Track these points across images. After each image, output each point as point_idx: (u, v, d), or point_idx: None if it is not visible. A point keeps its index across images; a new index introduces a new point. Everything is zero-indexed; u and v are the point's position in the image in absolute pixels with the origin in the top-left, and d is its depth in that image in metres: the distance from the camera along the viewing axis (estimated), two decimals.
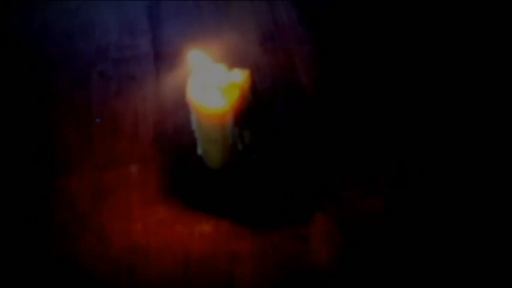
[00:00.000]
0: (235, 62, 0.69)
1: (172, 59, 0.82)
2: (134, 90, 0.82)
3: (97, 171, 0.75)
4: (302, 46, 0.85)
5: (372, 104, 0.79)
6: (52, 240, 0.70)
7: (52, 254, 0.69)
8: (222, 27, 0.87)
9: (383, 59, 0.83)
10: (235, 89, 0.63)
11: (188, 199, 0.73)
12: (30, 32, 0.89)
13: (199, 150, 0.72)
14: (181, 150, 0.76)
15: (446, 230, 0.68)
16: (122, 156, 0.76)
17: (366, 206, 0.70)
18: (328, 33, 0.85)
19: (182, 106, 0.76)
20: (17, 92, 0.82)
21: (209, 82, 0.64)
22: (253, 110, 0.65)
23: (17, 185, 0.74)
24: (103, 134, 0.78)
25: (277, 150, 0.75)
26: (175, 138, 0.77)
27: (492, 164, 0.71)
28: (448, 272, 0.64)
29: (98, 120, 0.72)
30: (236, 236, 0.70)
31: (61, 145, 0.77)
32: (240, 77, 0.64)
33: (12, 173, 0.75)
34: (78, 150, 0.77)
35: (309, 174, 0.74)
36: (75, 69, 0.84)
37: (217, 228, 0.71)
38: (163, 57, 0.84)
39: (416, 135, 0.76)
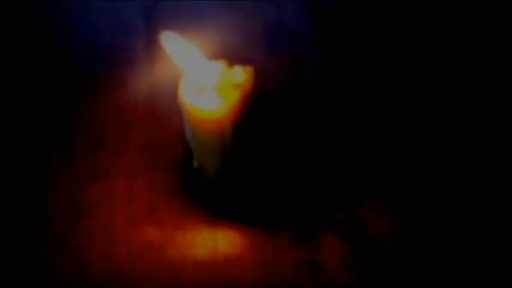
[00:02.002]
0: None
1: (168, 63, 0.73)
2: (125, 96, 0.73)
3: (77, 185, 0.66)
4: (311, 49, 0.75)
5: (387, 111, 0.69)
6: (22, 263, 0.61)
7: (22, 279, 0.60)
8: (224, 29, 0.78)
9: (394, 64, 0.74)
10: (235, 89, 0.54)
11: (181, 218, 0.63)
12: (19, 33, 0.80)
13: (195, 163, 0.63)
14: (175, 162, 0.67)
15: (473, 249, 0.58)
16: (106, 168, 0.67)
17: (384, 226, 0.60)
18: (338, 36, 0.76)
19: (177, 113, 0.68)
20: None
21: (204, 81, 0.54)
22: (255, 115, 0.56)
23: None
24: (87, 143, 0.68)
25: (284, 160, 0.66)
26: (168, 149, 0.68)
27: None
28: None
29: None
30: (236, 263, 0.61)
31: (38, 154, 0.68)
32: (241, 75, 0.54)
33: None
34: (57, 160, 0.67)
35: (319, 188, 0.64)
36: (62, 73, 0.75)
37: (214, 254, 0.62)
38: (158, 61, 0.75)
39: (438, 148, 0.66)
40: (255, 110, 0.55)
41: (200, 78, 0.54)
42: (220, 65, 0.55)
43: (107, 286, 0.60)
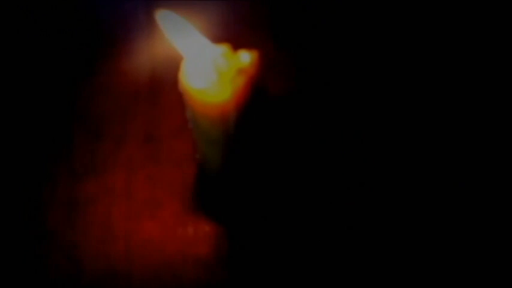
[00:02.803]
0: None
1: (170, 51, 0.69)
2: (125, 87, 0.69)
3: (73, 179, 0.62)
4: (317, 45, 0.72)
5: (388, 112, 0.66)
6: (16, 260, 0.57)
7: (16, 276, 0.56)
8: (230, 20, 0.74)
9: (396, 63, 0.70)
10: (239, 74, 0.50)
11: (182, 215, 0.60)
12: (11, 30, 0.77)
13: (198, 155, 0.59)
14: (176, 155, 0.63)
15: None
16: (104, 162, 0.63)
17: None
18: (341, 36, 0.72)
19: (179, 103, 0.64)
20: None
21: (206, 65, 0.51)
22: (261, 103, 0.52)
23: None
24: (84, 136, 0.65)
25: (288, 160, 0.62)
26: (169, 141, 0.64)
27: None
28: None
29: None
30: (240, 262, 0.57)
31: (33, 147, 0.64)
32: (245, 59, 0.51)
33: None
34: (53, 153, 0.64)
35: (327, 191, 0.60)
36: (59, 62, 0.72)
37: (217, 252, 0.58)
38: (159, 52, 0.72)
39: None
40: (260, 96, 0.52)
41: (202, 61, 0.51)
42: (223, 49, 0.52)
43: (103, 285, 0.57)
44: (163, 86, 0.68)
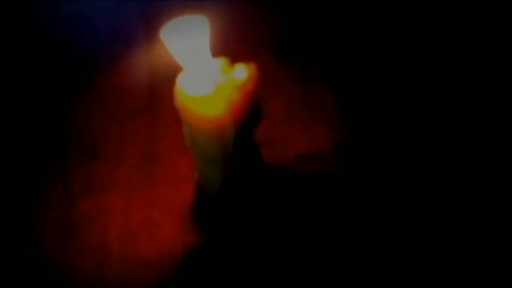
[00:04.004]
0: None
1: (169, 70, 0.68)
2: (122, 106, 0.68)
3: (69, 200, 0.60)
4: (319, 58, 0.70)
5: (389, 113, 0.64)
6: (10, 283, 0.55)
7: None
8: (229, 36, 0.72)
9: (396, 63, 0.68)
10: (236, 88, 0.48)
11: (180, 235, 0.58)
12: (18, 38, 0.76)
13: (196, 174, 0.57)
14: (175, 174, 0.61)
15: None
16: (101, 183, 0.61)
17: None
18: (349, 46, 0.71)
19: (177, 122, 0.62)
20: None
21: (204, 80, 0.49)
22: (256, 116, 0.50)
23: None
24: (81, 155, 0.63)
25: (292, 177, 0.60)
26: (167, 161, 0.62)
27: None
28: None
29: None
30: (242, 284, 0.55)
31: (28, 166, 0.63)
32: (243, 74, 0.49)
33: None
34: (49, 172, 0.62)
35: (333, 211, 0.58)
36: (56, 81, 0.70)
37: (217, 274, 0.56)
38: (158, 69, 0.70)
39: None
40: (257, 110, 0.50)
41: (199, 73, 0.49)
42: (221, 63, 0.50)
43: None
44: (162, 105, 0.66)
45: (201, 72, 0.49)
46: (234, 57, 0.56)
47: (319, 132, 0.63)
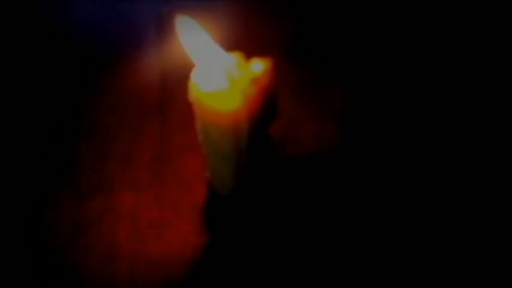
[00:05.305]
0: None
1: (181, 71, 0.67)
2: (134, 106, 0.67)
3: (78, 198, 0.60)
4: (333, 61, 0.70)
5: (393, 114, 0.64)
6: (18, 281, 0.54)
7: None
8: (241, 40, 0.72)
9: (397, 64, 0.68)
10: (252, 83, 0.48)
11: (190, 236, 0.57)
12: (28, 40, 0.75)
13: (208, 173, 0.57)
14: (185, 174, 0.61)
15: None
16: (110, 181, 0.61)
17: None
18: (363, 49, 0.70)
19: (189, 123, 0.62)
20: None
21: (219, 73, 0.48)
22: (272, 112, 0.49)
23: None
24: (90, 154, 0.63)
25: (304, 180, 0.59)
26: (178, 160, 0.62)
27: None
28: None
29: None
30: (253, 286, 0.54)
31: (37, 165, 0.62)
32: (258, 68, 0.49)
33: None
34: (58, 172, 0.61)
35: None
36: (70, 80, 0.70)
37: (227, 276, 0.55)
38: (170, 70, 0.70)
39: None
40: (273, 106, 0.49)
41: (214, 68, 0.49)
42: (236, 57, 0.49)
43: None
44: (173, 105, 0.66)
45: (216, 67, 0.49)
46: (247, 56, 0.56)
47: (331, 133, 0.63)
